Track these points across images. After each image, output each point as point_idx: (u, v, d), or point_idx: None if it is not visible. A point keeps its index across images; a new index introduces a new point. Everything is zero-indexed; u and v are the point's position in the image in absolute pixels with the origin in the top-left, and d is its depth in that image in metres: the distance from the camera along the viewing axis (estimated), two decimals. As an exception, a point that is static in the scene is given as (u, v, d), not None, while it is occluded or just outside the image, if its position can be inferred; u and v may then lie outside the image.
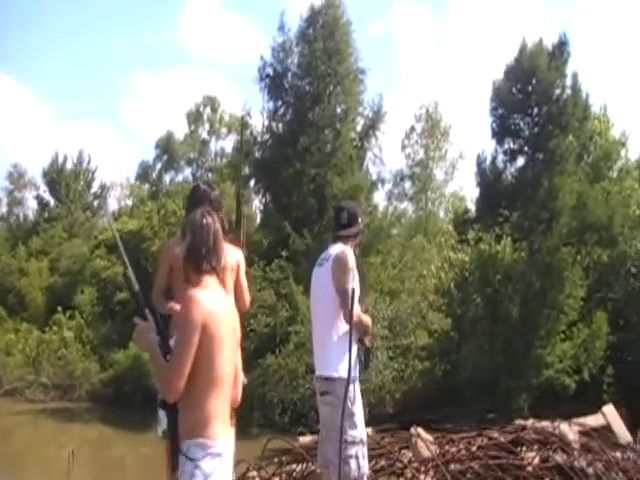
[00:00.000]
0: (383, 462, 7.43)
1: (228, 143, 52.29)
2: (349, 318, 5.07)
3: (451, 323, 28.39)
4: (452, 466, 7.39)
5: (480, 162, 29.77)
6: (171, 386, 3.48)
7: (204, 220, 3.73)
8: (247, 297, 5.52)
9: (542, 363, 25.55)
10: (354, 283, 5.14)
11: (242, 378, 3.99)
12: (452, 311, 28.28)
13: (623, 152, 33.69)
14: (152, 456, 23.85)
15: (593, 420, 9.00)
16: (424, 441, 7.55)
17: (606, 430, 8.80)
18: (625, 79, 72.48)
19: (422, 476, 7.35)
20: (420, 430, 7.75)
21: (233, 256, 5.37)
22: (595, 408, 9.47)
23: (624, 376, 25.75)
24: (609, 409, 9.28)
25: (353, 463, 5.12)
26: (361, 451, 5.19)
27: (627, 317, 27.63)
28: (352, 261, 5.26)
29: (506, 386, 25.03)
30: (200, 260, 3.68)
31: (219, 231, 3.74)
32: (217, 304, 3.60)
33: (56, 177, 49.10)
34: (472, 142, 58.45)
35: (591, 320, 26.48)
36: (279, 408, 24.40)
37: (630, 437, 9.11)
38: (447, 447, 7.77)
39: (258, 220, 33.91)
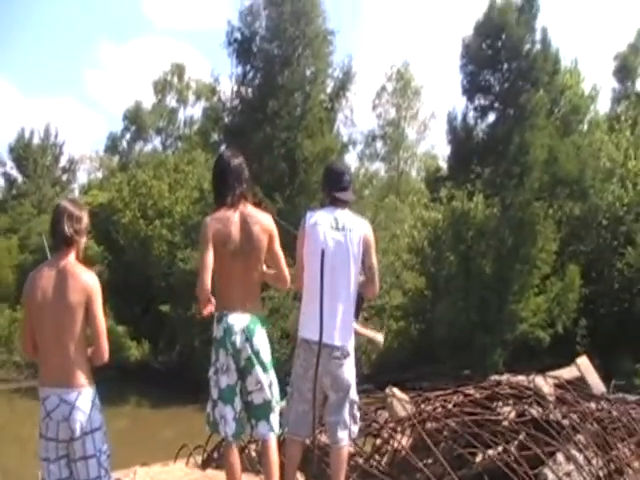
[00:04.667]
0: (360, 423, 7.38)
1: (197, 110, 52.03)
2: (375, 294, 5.44)
3: (425, 282, 28.52)
4: (428, 424, 7.37)
5: (451, 119, 29.76)
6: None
7: (55, 206, 4.52)
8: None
9: (516, 318, 25.81)
10: None
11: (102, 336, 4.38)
12: (426, 269, 28.41)
13: (592, 106, 33.84)
14: (128, 429, 23.78)
15: (567, 372, 9.02)
16: (400, 401, 7.52)
17: (580, 382, 8.84)
18: (596, 32, 72.57)
19: (399, 436, 7.35)
20: (395, 390, 7.72)
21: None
22: (569, 360, 9.50)
23: (597, 328, 26.10)
24: (583, 361, 9.31)
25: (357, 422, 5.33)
26: None
27: (599, 269, 27.96)
28: None
29: (481, 342, 25.27)
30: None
31: (62, 215, 4.35)
32: (37, 278, 4.33)
33: (23, 153, 48.44)
34: (444, 102, 58.24)
35: (564, 273, 26.74)
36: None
37: (604, 388, 9.17)
38: (423, 406, 7.75)
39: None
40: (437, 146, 64.75)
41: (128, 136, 53.13)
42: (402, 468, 6.99)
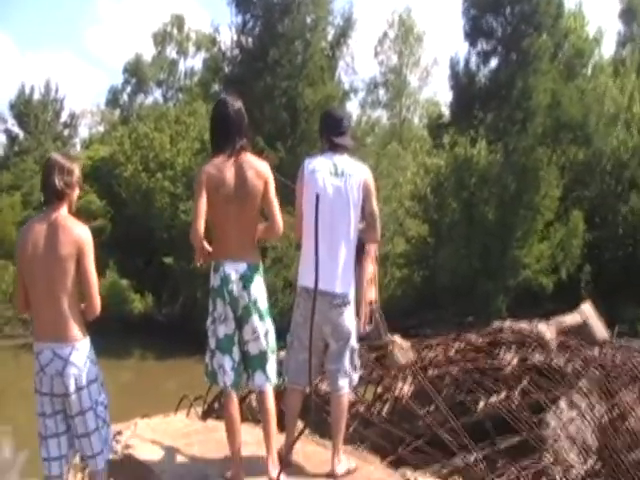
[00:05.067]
0: (361, 371, 7.36)
1: (197, 62, 51.63)
2: (377, 241, 5.27)
3: (428, 229, 28.49)
4: (430, 372, 7.36)
5: (453, 65, 29.42)
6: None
7: (46, 160, 4.46)
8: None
9: (519, 264, 25.78)
10: None
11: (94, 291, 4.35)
12: (429, 217, 28.34)
13: (596, 49, 33.38)
14: (132, 382, 23.89)
15: (571, 318, 8.97)
16: (401, 348, 7.50)
17: (584, 328, 8.80)
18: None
19: (400, 383, 7.33)
20: (396, 337, 7.68)
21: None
22: (573, 307, 9.45)
23: (601, 274, 26.06)
24: (586, 307, 9.25)
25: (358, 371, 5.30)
26: None
27: (603, 215, 27.82)
28: None
29: (484, 289, 25.27)
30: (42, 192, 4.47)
31: (53, 168, 4.30)
32: (28, 231, 4.33)
33: (24, 109, 47.90)
34: (447, 48, 57.57)
35: (568, 219, 26.61)
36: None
37: (607, 334, 9.14)
38: (424, 353, 7.73)
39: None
40: (439, 92, 64.73)
41: (129, 89, 52.90)
42: (403, 416, 7.00)
